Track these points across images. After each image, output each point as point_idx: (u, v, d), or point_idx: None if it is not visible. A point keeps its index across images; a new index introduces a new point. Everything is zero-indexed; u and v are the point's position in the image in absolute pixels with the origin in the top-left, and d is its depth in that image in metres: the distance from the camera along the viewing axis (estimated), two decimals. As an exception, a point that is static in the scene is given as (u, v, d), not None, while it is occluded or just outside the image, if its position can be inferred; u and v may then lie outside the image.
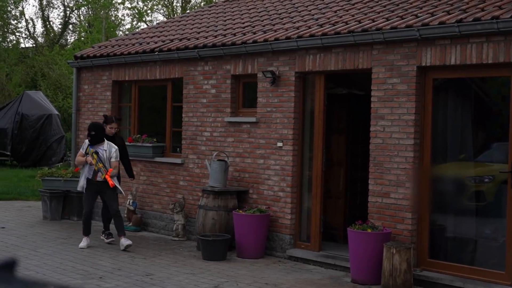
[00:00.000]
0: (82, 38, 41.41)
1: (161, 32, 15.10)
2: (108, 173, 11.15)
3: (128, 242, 11.33)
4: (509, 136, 8.71)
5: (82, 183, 11.54)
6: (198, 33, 13.61)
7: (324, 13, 11.96)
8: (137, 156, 13.65)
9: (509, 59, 8.53)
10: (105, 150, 11.37)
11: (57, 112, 29.04)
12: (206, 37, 12.90)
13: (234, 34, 12.40)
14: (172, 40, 13.65)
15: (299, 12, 12.73)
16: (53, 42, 45.76)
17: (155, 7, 44.38)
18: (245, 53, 11.66)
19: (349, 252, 9.55)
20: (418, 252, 9.48)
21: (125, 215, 13.64)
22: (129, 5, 44.13)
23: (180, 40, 13.44)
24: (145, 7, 43.67)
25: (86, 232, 11.58)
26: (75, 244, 11.72)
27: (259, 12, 13.91)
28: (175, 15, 39.80)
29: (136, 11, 43.35)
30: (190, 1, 44.10)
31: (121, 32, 42.32)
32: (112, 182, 11.19)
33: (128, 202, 13.50)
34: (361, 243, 9.36)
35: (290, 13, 12.90)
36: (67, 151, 27.15)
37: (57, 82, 38.64)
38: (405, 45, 9.60)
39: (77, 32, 46.34)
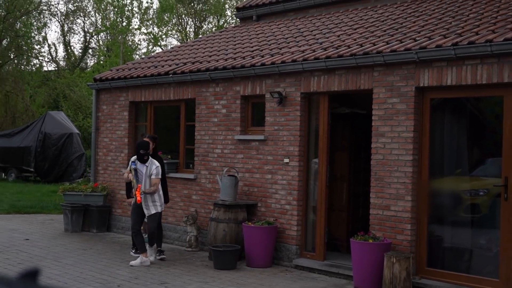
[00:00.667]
0: (101, 62, 41.62)
1: (175, 55, 15.17)
2: (137, 189, 10.66)
3: (147, 263, 10.85)
4: (503, 152, 8.72)
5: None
6: (210, 56, 13.67)
7: (327, 38, 12.01)
8: (152, 172, 13.69)
9: (502, 79, 8.55)
10: (146, 166, 10.84)
11: (77, 131, 29.17)
12: (217, 60, 12.96)
13: (243, 58, 12.45)
14: (185, 63, 13.70)
15: (304, 36, 12.78)
16: (74, 65, 45.98)
17: (170, 32, 44.59)
18: (253, 75, 11.70)
19: (352, 261, 9.53)
20: (417, 261, 9.46)
21: (141, 228, 13.64)
22: (145, 31, 44.24)
23: (193, 63, 13.49)
24: (160, 33, 43.90)
25: (140, 247, 11.00)
26: (95, 254, 11.74)
27: (267, 37, 13.96)
28: (188, 39, 39.94)
29: (152, 36, 43.54)
30: (202, 27, 44.31)
31: (137, 56, 42.48)
32: (139, 198, 10.66)
33: (144, 215, 13.51)
34: (363, 253, 9.35)
35: (295, 37, 12.95)
36: (87, 168, 27.24)
37: (77, 103, 38.83)
38: (404, 67, 9.62)
39: (97, 56, 46.57)
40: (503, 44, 8.35)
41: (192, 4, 44.48)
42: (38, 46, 42.93)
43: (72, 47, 49.26)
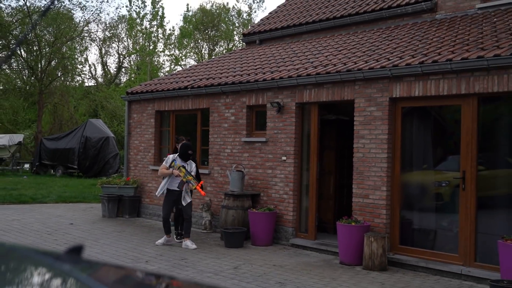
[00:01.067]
0: (132, 79, 41.70)
1: (193, 73, 15.19)
2: (199, 184, 10.29)
3: (194, 246, 10.55)
4: (461, 150, 8.73)
5: (161, 190, 10.60)
6: (221, 73, 13.69)
7: (317, 58, 12.03)
8: (174, 168, 13.72)
9: (460, 91, 8.57)
10: (187, 164, 10.51)
11: (113, 135, 29.20)
12: (227, 77, 12.98)
13: (249, 74, 12.48)
14: (201, 79, 13.73)
15: (298, 57, 12.81)
16: (110, 81, 46.04)
17: (188, 54, 44.65)
18: (257, 88, 11.73)
19: (338, 240, 9.55)
20: (391, 240, 9.47)
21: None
22: (168, 53, 44.31)
23: (207, 79, 13.52)
24: (180, 54, 43.94)
25: (166, 231, 10.78)
26: (127, 236, 11.76)
27: (268, 57, 13.99)
28: (203, 60, 39.97)
29: (173, 58, 43.59)
30: (215, 49, 44.34)
31: (162, 74, 42.53)
32: (204, 192, 10.34)
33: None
34: (347, 234, 9.36)
35: (291, 58, 12.97)
36: (120, 165, 27.28)
37: (113, 112, 38.87)
38: (380, 81, 9.64)
39: (128, 74, 46.62)
40: (460, 62, 8.38)
41: (207, 31, 44.54)
42: (81, 66, 43.03)
43: (108, 67, 49.33)
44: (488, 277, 7.78)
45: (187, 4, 63.99)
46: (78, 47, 41.32)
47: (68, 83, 40.52)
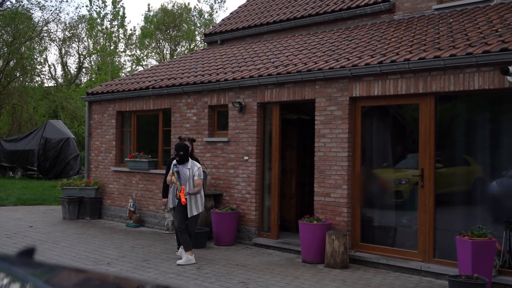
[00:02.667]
0: (93, 79, 41.15)
1: (154, 73, 15.07)
2: (181, 191, 9.23)
3: (192, 262, 9.23)
4: (419, 149, 8.85)
5: (172, 202, 9.48)
6: (183, 73, 13.61)
7: (278, 57, 12.05)
8: (136, 169, 13.60)
9: (417, 90, 8.68)
10: (189, 169, 9.33)
11: (73, 136, 28.74)
12: (189, 77, 12.90)
13: (210, 74, 12.43)
14: (162, 79, 13.62)
15: (260, 57, 12.81)
16: (70, 82, 45.33)
17: (149, 54, 44.30)
18: (218, 88, 11.68)
19: (300, 239, 9.57)
20: (352, 237, 9.54)
21: (127, 215, 13.54)
22: (129, 53, 43.89)
23: (169, 79, 13.42)
24: (141, 55, 43.58)
25: (188, 246, 9.29)
26: (88, 238, 11.58)
27: (229, 57, 13.96)
28: (165, 60, 39.72)
29: (135, 58, 43.22)
30: (176, 50, 44.11)
31: (123, 74, 42.10)
32: (184, 199, 9.20)
33: (129, 205, 13.41)
34: (309, 232, 9.39)
35: (252, 57, 12.97)
36: (81, 166, 26.87)
37: (73, 113, 38.30)
38: (340, 81, 9.71)
39: (89, 74, 46.00)
40: (418, 62, 8.49)
41: (168, 31, 44.25)
42: (40, 66, 42.19)
43: (68, 67, 48.52)
44: (446, 273, 7.90)
45: (148, 4, 63.52)
46: (37, 47, 40.54)
47: (27, 83, 39.71)
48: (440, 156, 8.91)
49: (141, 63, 43.23)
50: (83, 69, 47.60)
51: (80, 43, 46.56)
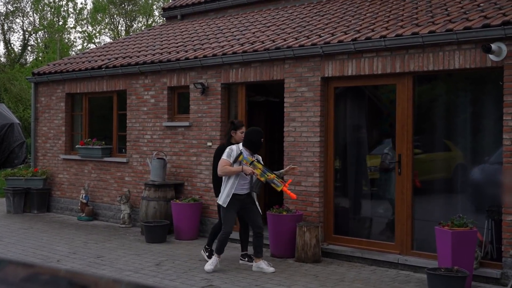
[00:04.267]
0: (40, 58, 40.46)
1: (107, 51, 14.89)
2: (287, 184, 8.20)
3: (271, 269, 8.39)
4: (396, 133, 8.93)
5: (228, 197, 8.29)
6: (139, 52, 13.47)
7: (244, 34, 12.01)
8: (88, 157, 13.46)
9: (394, 70, 8.75)
10: (258, 158, 8.49)
11: (18, 121, 28.25)
12: (146, 55, 12.78)
13: (169, 53, 12.33)
14: (116, 58, 13.46)
15: (224, 33, 12.74)
16: (14, 61, 44.49)
17: (103, 30, 43.73)
18: (178, 68, 11.60)
19: (268, 231, 9.59)
20: (325, 229, 9.60)
21: (79, 207, 13.41)
22: (80, 29, 43.26)
23: (124, 58, 13.27)
24: (93, 31, 43.00)
25: (221, 251, 8.52)
26: (36, 233, 11.44)
27: (190, 34, 13.86)
28: (120, 37, 39.28)
29: (86, 34, 42.63)
30: (132, 26, 43.63)
31: (73, 52, 41.50)
32: (294, 194, 8.25)
33: (81, 196, 13.27)
34: (278, 224, 9.42)
35: (216, 34, 12.90)
36: (27, 155, 26.48)
37: (18, 96, 37.62)
38: (311, 60, 9.72)
39: (35, 53, 45.22)
40: (394, 39, 8.55)
41: (123, 5, 43.71)
42: (-20, 44, 41.38)
43: (12, 45, 47.61)
44: (425, 266, 8.02)
45: (101, -25, 62.63)
46: (-24, 22, 39.70)
47: (-35, 63, 38.92)
48: (419, 141, 9.01)
49: (93, 41, 42.66)
50: (29, 47, 46.76)
51: (24, 18, 45.70)
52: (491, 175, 8.33)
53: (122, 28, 43.82)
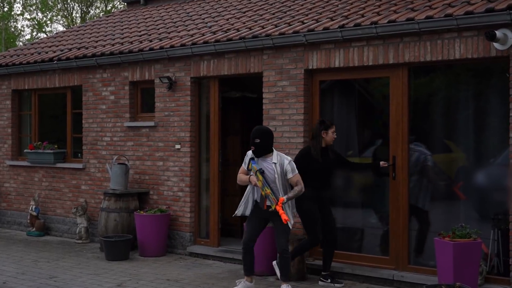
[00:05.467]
0: (-19, 49, 40.12)
1: (60, 41, 14.80)
2: (279, 203, 7.82)
3: None
4: (390, 132, 8.97)
5: (245, 208, 8.43)
6: (96, 42, 13.41)
7: (217, 21, 12.01)
8: (38, 163, 13.37)
9: (387, 61, 8.80)
10: (275, 164, 8.08)
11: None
12: (104, 46, 12.73)
13: (131, 42, 12.29)
14: (70, 49, 13.39)
15: (193, 20, 12.73)
16: (-48, 53, 44.10)
17: (55, 18, 43.46)
18: (142, 60, 11.57)
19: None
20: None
21: (28, 221, 13.31)
22: (28, 16, 42.96)
23: (79, 49, 13.21)
24: (44, 18, 42.72)
25: (248, 270, 8.37)
26: (-22, 251, 11.33)
27: (155, 21, 13.82)
28: (74, 25, 39.08)
29: (36, 22, 42.34)
30: (89, 12, 43.39)
31: (20, 43, 41.23)
32: (286, 216, 7.77)
33: (31, 208, 13.17)
34: (260, 238, 9.37)
35: (184, 21, 12.88)
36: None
37: (-43, 93, 37.32)
38: (293, 50, 9.74)
39: (-24, 44, 44.84)
40: (387, 26, 8.60)
41: (78, -11, 43.53)
42: None
43: (-50, 34, 47.21)
44: (424, 282, 8.06)
45: (52, -45, 62.26)
46: None
47: None
48: (416, 141, 9.05)
49: (43, 29, 42.40)
50: (-31, 37, 46.41)
51: (-36, 4, 45.34)
52: (497, 180, 8.38)
53: (77, 15, 43.52)
